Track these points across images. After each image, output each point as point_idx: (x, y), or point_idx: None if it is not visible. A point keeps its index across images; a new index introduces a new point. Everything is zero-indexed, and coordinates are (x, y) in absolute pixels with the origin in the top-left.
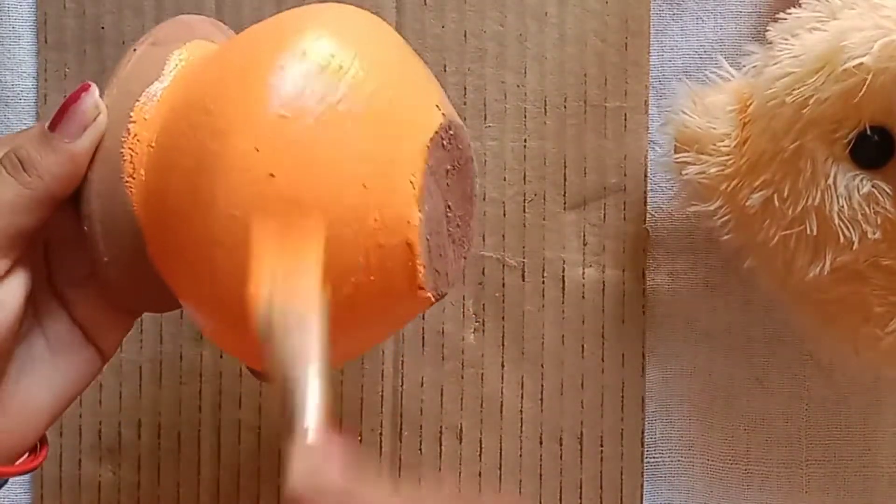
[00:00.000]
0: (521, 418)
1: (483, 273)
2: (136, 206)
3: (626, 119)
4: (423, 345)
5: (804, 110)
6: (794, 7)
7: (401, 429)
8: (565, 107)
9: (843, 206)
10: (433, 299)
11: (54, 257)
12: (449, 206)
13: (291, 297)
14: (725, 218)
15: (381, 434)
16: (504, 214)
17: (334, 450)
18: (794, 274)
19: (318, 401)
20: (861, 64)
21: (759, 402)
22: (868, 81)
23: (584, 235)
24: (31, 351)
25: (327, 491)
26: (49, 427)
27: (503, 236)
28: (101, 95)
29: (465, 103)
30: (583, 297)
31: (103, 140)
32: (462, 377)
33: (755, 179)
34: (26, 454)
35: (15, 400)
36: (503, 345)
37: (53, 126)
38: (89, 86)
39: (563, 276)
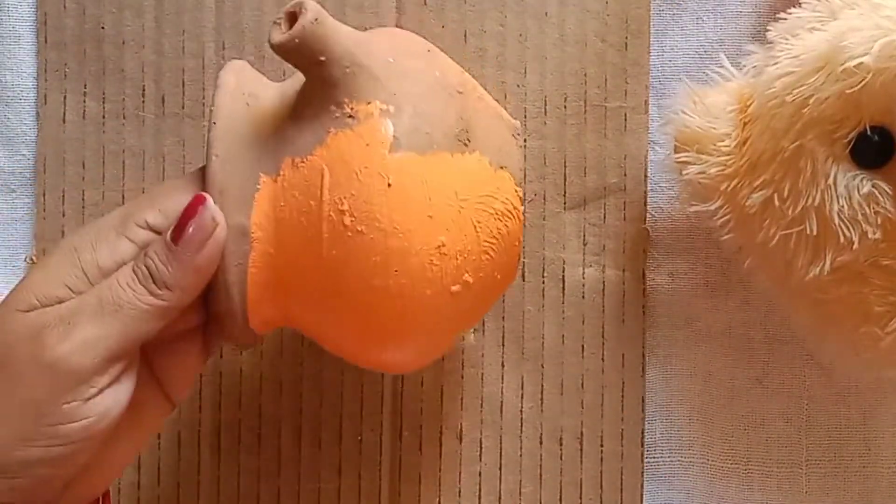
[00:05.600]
0: (521, 418)
1: None
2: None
3: (626, 119)
4: None
5: (804, 110)
6: (795, 7)
7: (401, 429)
8: (565, 107)
9: (843, 206)
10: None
11: None
12: None
13: None
14: (725, 218)
15: (381, 434)
16: None
17: None
18: (794, 274)
19: None
20: (861, 64)
21: (759, 402)
22: (868, 81)
23: (584, 235)
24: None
25: None
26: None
27: None
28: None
29: None
30: (583, 297)
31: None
32: (462, 377)
33: (755, 179)
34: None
35: (100, 464)
36: (503, 345)
37: (175, 239)
38: (204, 198)
39: (563, 276)
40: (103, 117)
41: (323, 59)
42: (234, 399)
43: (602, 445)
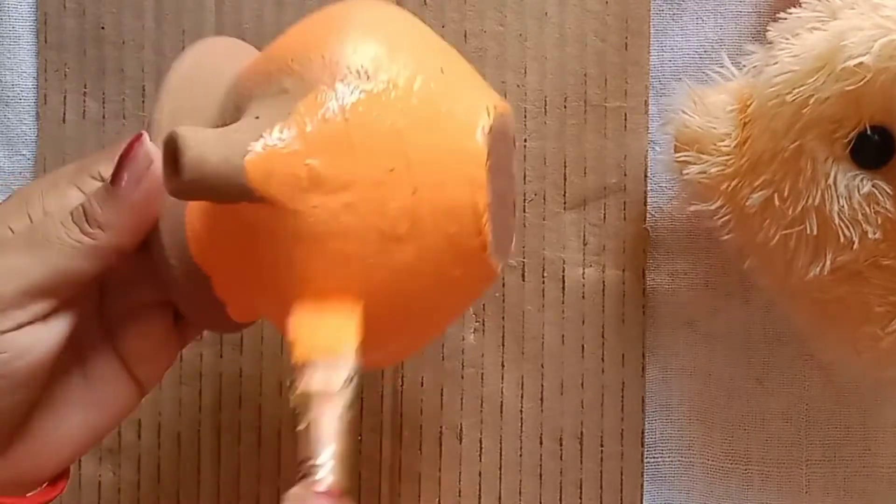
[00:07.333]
0: (521, 418)
1: None
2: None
3: (626, 119)
4: None
5: (804, 110)
6: (795, 7)
7: (401, 429)
8: (565, 107)
9: (843, 206)
10: (496, 267)
11: (108, 291)
12: (498, 193)
13: (329, 372)
14: (725, 218)
15: (381, 434)
16: None
17: None
18: (794, 274)
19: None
20: (861, 63)
21: (759, 402)
22: (868, 81)
23: (584, 235)
24: (69, 383)
25: None
26: (75, 460)
27: None
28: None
29: None
30: (583, 297)
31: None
32: (462, 377)
33: (755, 179)
34: (44, 484)
35: (43, 429)
36: (503, 345)
37: (113, 179)
38: (141, 135)
39: (563, 276)
40: (103, 117)
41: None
42: (234, 399)
43: (602, 445)
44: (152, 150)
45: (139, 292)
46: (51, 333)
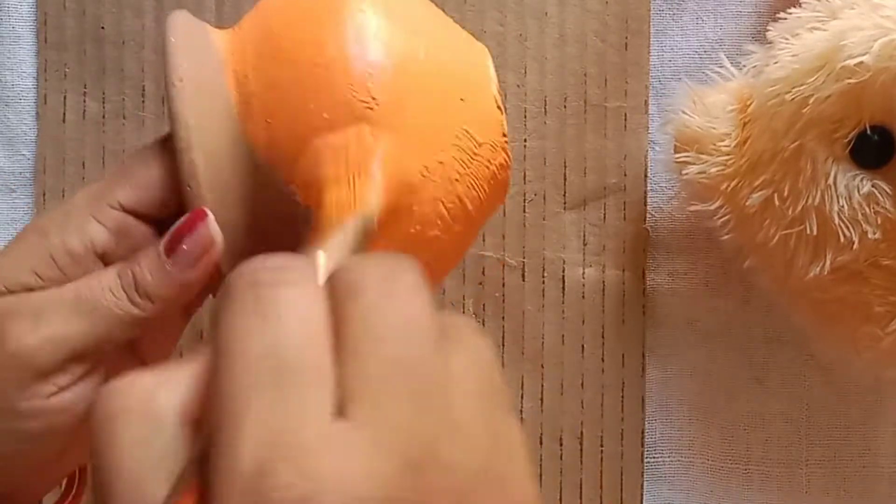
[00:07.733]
0: (521, 418)
1: (483, 273)
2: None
3: (626, 119)
4: None
5: (804, 110)
6: (795, 7)
7: None
8: (565, 107)
9: (843, 206)
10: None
11: None
12: None
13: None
14: (725, 218)
15: None
16: (504, 214)
17: None
18: (794, 274)
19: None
20: (861, 63)
21: (759, 402)
22: (868, 81)
23: (584, 235)
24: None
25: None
26: None
27: (503, 236)
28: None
29: None
30: (583, 297)
31: None
32: None
33: (755, 179)
34: (64, 480)
35: (74, 446)
36: (503, 345)
37: (169, 252)
38: (205, 214)
39: (563, 276)
40: (103, 117)
41: None
42: None
43: (602, 445)
44: (215, 232)
45: None
46: (89, 387)
